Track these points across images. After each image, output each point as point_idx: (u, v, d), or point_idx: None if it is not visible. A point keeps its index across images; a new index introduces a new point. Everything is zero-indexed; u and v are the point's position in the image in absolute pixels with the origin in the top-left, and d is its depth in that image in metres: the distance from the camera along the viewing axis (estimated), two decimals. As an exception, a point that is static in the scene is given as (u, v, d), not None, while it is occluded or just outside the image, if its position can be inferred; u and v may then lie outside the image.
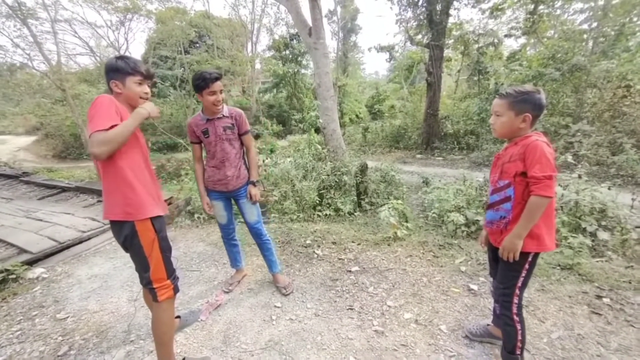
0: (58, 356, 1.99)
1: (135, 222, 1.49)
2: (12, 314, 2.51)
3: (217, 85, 2.08)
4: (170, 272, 1.65)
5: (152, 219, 1.54)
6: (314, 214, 4.53)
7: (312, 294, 2.39)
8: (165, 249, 1.61)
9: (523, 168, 1.35)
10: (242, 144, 2.34)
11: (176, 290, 1.69)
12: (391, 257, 2.81)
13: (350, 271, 2.64)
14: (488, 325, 1.82)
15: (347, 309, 2.18)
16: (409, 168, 9.78)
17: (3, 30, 14.48)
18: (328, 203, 5.02)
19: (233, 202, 2.41)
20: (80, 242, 3.42)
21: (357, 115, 20.53)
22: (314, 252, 3.04)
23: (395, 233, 3.21)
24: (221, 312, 2.28)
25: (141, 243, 1.51)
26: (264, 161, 6.19)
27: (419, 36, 12.47)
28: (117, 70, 1.56)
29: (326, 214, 4.58)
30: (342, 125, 18.88)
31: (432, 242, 3.06)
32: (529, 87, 1.40)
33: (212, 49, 18.73)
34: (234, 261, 2.62)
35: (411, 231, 3.38)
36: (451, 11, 11.55)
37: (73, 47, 17.79)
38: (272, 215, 4.68)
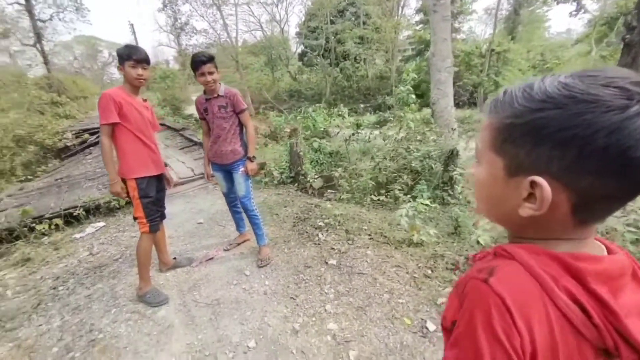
0: (114, 259, 2.92)
1: (125, 179, 2.11)
2: (120, 225, 3.77)
3: (206, 67, 2.27)
4: (148, 215, 2.20)
5: (136, 178, 2.12)
6: (363, 198, 4.34)
7: (277, 273, 2.49)
8: (144, 197, 2.16)
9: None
10: (239, 121, 2.53)
11: (152, 229, 2.24)
12: (378, 262, 2.50)
13: (327, 263, 2.55)
14: None
15: (290, 298, 2.19)
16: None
17: (205, 17, 19.15)
18: (398, 188, 4.64)
19: None
20: (175, 185, 4.60)
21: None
22: (317, 235, 3.04)
23: (412, 237, 2.77)
24: (209, 265, 2.72)
25: (128, 192, 2.14)
26: (350, 136, 6.18)
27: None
28: (119, 56, 2.08)
29: (379, 200, 4.29)
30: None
31: (448, 259, 2.50)
32: (561, 81, 0.40)
33: (356, 17, 18.83)
34: (237, 226, 2.98)
35: (435, 238, 2.81)
36: None
37: (247, 25, 21.60)
38: (329, 191, 4.78)
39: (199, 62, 2.26)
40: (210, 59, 2.31)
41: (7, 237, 3.68)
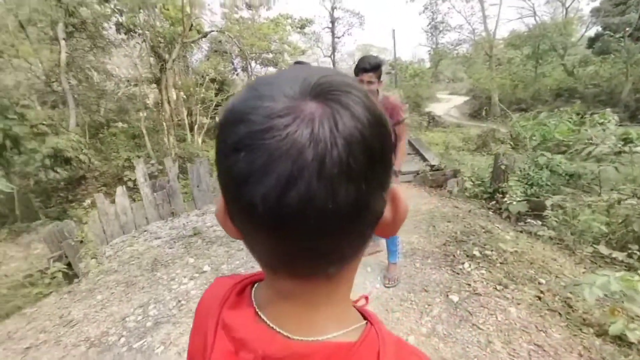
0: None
1: None
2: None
3: (367, 75, 2.08)
4: None
5: None
6: (580, 245, 2.97)
7: (396, 295, 2.27)
8: None
9: None
10: (394, 133, 2.37)
11: None
12: (514, 326, 1.79)
13: (447, 296, 2.14)
14: None
15: (385, 309, 2.09)
16: None
17: (462, 12, 18.42)
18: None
19: None
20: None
21: None
22: (463, 264, 2.54)
23: (609, 324, 1.75)
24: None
25: None
26: (616, 154, 4.25)
27: None
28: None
29: (611, 257, 2.79)
30: None
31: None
32: None
33: None
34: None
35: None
36: None
37: (518, 11, 18.58)
38: (529, 220, 3.65)
39: (362, 69, 2.09)
40: (375, 67, 2.11)
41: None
